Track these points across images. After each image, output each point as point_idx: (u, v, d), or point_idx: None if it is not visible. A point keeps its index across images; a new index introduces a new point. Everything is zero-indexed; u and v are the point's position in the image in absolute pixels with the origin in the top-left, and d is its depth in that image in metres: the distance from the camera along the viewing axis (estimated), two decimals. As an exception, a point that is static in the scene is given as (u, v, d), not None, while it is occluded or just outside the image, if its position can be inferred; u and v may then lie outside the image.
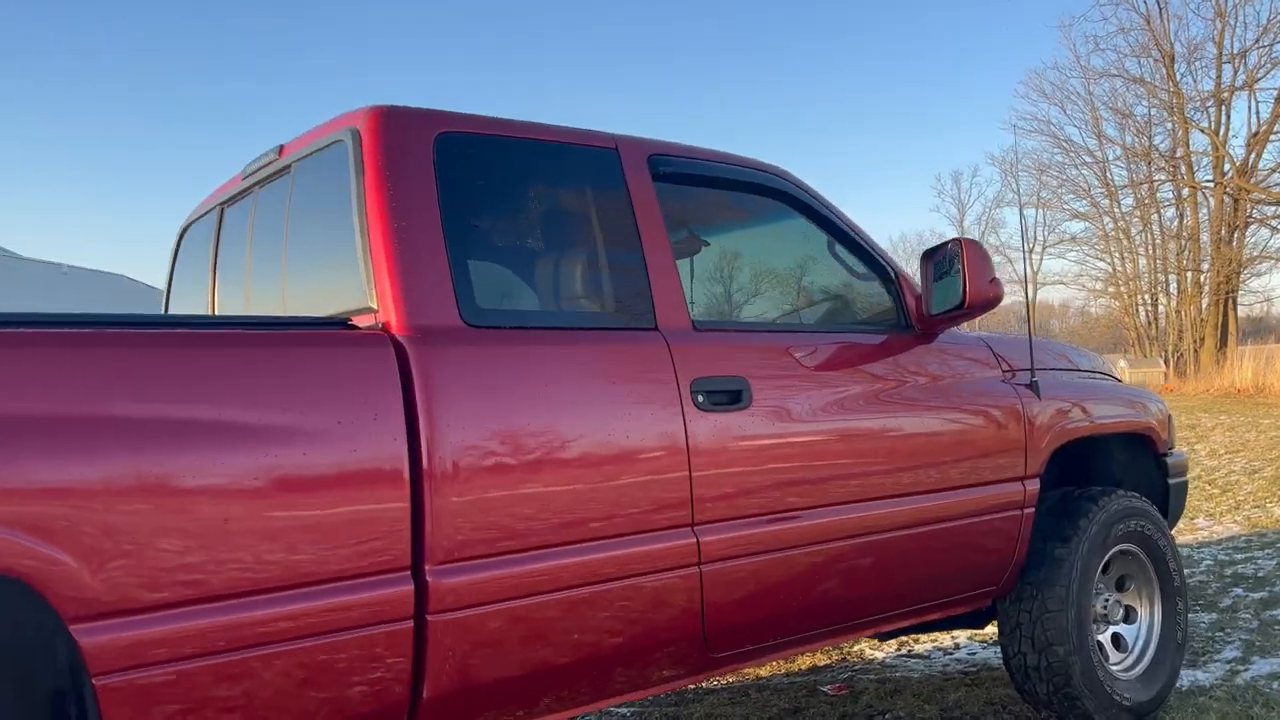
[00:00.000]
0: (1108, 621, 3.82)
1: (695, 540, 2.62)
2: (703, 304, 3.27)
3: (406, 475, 2.15)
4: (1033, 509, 3.50)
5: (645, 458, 2.54)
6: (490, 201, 2.65)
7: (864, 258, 3.38)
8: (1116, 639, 3.85)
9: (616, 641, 2.51)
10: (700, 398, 2.68)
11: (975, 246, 3.11)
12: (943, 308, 3.18)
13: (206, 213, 3.39)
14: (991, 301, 3.11)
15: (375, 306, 2.34)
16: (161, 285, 3.63)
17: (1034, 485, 3.50)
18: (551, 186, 2.80)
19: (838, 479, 2.92)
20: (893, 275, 3.38)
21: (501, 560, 2.30)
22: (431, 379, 2.25)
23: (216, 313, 3.22)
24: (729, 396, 2.75)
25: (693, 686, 4.42)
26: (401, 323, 2.29)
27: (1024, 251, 4.44)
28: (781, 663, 4.77)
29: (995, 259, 4.35)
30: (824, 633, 3.05)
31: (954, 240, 3.13)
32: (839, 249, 3.39)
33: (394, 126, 2.46)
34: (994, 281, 3.12)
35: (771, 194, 3.23)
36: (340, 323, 2.32)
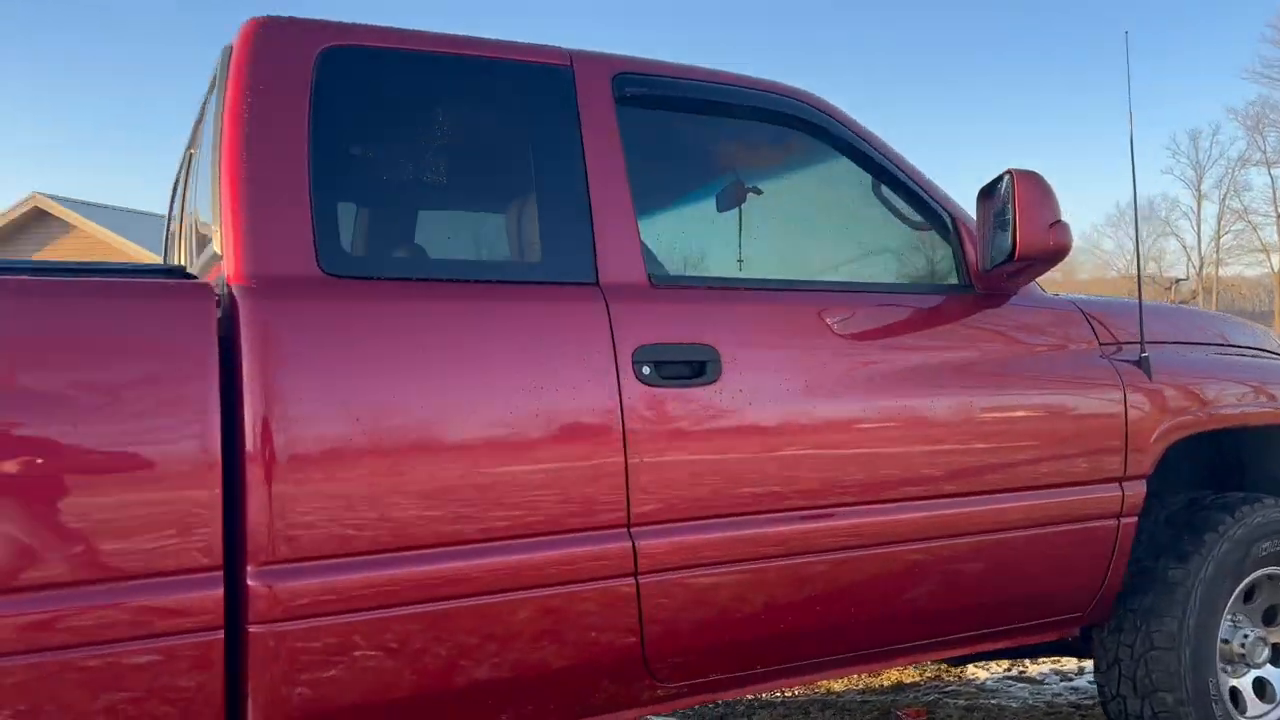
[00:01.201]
0: (1248, 664, 3.02)
1: (631, 545, 2.12)
2: (684, 258, 2.72)
3: (218, 456, 1.77)
4: (1134, 518, 2.76)
5: (558, 442, 2.06)
6: (391, 130, 2.21)
7: (913, 201, 2.72)
8: (1260, 685, 3.04)
9: (518, 668, 2.05)
10: (646, 369, 2.16)
11: (1030, 180, 2.40)
12: (996, 261, 2.50)
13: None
14: (1052, 252, 2.40)
15: (220, 253, 1.96)
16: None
17: (1137, 488, 2.76)
18: (475, 112, 2.33)
19: (835, 475, 2.33)
20: (949, 223, 2.71)
21: (358, 563, 1.89)
22: (269, 339, 1.85)
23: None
24: (689, 369, 2.22)
25: (749, 699, 3.90)
26: (239, 271, 1.90)
27: (1135, 213, 3.58)
28: (861, 676, 4.16)
29: (1237, 226, 3.48)
30: (824, 662, 2.47)
31: (1007, 172, 2.43)
32: (883, 190, 2.75)
33: (265, 40, 2.07)
34: (1056, 225, 2.40)
35: (790, 122, 2.63)
36: (161, 271, 1.97)
